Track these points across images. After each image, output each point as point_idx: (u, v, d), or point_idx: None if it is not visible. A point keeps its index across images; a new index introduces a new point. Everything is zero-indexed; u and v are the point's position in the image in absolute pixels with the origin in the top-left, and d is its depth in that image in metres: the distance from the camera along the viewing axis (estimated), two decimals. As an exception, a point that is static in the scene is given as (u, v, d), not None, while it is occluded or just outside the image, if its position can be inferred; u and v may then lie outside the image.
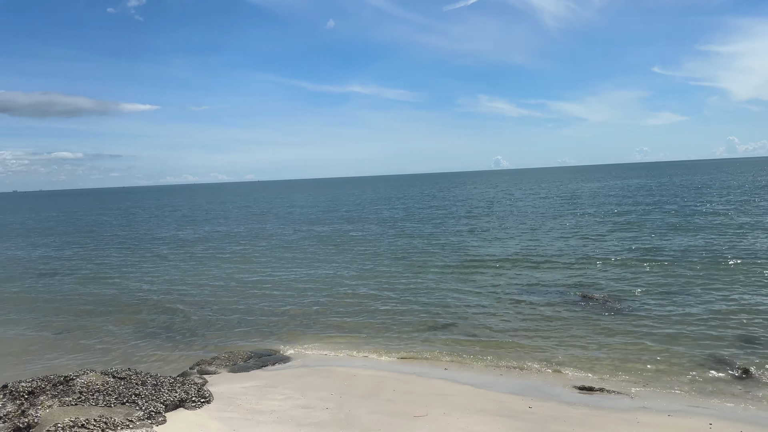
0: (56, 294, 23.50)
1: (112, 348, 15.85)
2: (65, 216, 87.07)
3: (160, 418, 8.65)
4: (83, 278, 27.07)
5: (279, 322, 17.55)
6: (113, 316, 19.29)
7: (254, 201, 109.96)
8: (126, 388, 9.13)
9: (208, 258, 31.69)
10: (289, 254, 31.45)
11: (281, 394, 10.57)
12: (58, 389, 9.00)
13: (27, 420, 7.95)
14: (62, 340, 16.76)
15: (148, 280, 25.58)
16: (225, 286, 23.28)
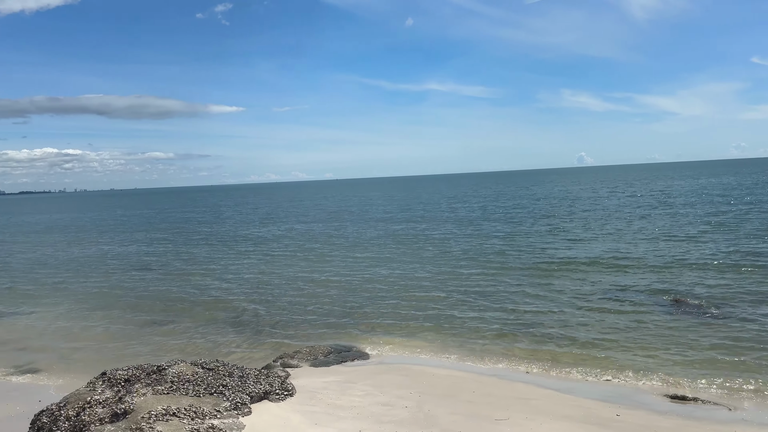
0: (148, 288, 24.83)
1: (198, 340, 16.54)
2: (157, 213, 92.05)
3: (245, 409, 8.92)
4: (172, 273, 28.45)
5: (356, 320, 17.73)
6: (199, 309, 20.14)
7: (332, 199, 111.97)
8: (214, 379, 9.48)
9: (288, 255, 32.52)
10: (366, 253, 31.74)
11: (360, 390, 10.64)
12: (151, 378, 9.47)
13: (124, 406, 8.40)
14: (152, 332, 17.66)
15: (231, 277, 26.56)
16: (304, 283, 23.80)
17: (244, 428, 8.24)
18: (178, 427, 7.63)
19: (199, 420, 8.09)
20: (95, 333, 17.56)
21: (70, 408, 8.85)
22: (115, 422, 8.24)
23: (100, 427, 8.20)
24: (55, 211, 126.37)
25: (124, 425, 8.06)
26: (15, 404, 11.39)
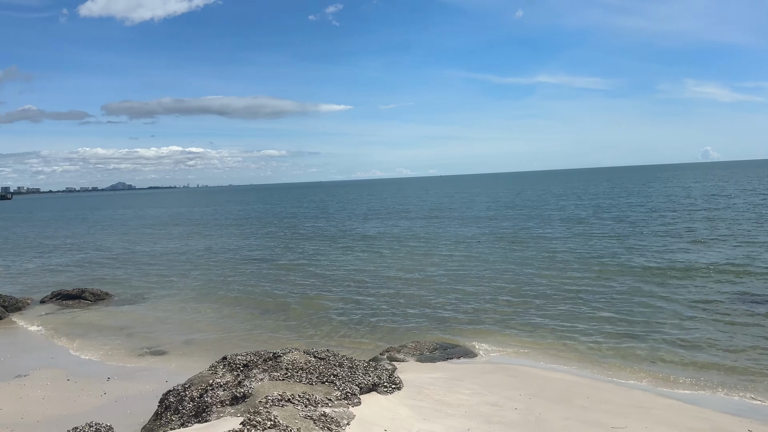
0: (260, 279, 26.06)
1: (307, 330, 17.09)
2: (270, 208, 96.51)
3: (355, 400, 9.07)
4: (282, 266, 29.65)
5: (460, 317, 17.56)
6: (307, 301, 20.81)
7: (435, 196, 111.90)
8: (325, 369, 9.74)
9: (391, 251, 32.86)
10: (468, 251, 31.37)
11: (468, 389, 10.50)
12: (267, 364, 9.89)
13: (243, 390, 8.83)
14: (264, 320, 18.47)
15: (336, 271, 27.24)
16: (407, 279, 23.92)
17: (353, 418, 8.38)
18: (293, 413, 7.89)
19: (312, 407, 8.33)
20: (213, 320, 18.67)
21: (194, 389, 9.45)
22: (235, 405, 8.69)
23: (222, 408, 8.68)
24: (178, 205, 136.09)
25: (243, 408, 8.47)
26: (145, 383, 12.35)
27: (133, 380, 12.56)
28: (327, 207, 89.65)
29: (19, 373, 13.16)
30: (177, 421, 8.85)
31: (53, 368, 13.55)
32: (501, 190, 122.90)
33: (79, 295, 21.69)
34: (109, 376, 12.75)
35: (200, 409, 8.86)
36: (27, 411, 10.58)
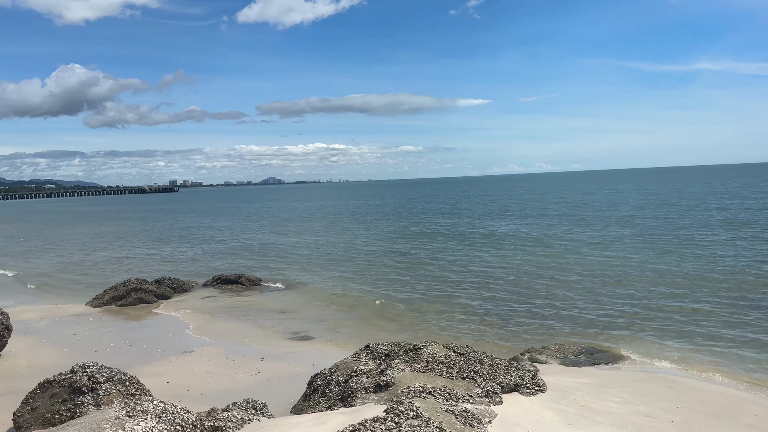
0: (397, 271, 26.55)
1: (441, 324, 17.10)
2: (405, 202, 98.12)
3: (496, 398, 8.94)
4: (418, 261, 29.97)
5: (607, 321, 16.61)
6: (443, 297, 20.81)
7: (577, 192, 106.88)
8: (465, 364, 9.70)
9: (527, 250, 31.89)
10: (612, 252, 29.56)
11: (618, 397, 9.91)
12: (408, 355, 10.06)
13: (386, 379, 9.07)
14: (401, 312, 18.78)
15: (471, 268, 26.99)
16: (548, 279, 23.09)
17: (495, 417, 8.26)
18: (434, 405, 7.95)
19: (453, 402, 8.33)
20: (355, 309, 19.35)
21: (339, 374, 9.86)
22: (378, 392, 8.95)
23: (366, 395, 8.98)
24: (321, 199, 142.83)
25: (386, 396, 8.70)
26: (294, 365, 13.11)
27: (283, 362, 13.40)
28: (461, 203, 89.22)
29: (185, 349, 14.56)
30: (324, 403, 9.31)
31: (214, 346, 14.84)
32: (653, 187, 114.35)
33: (236, 280, 23.59)
34: (262, 357, 13.70)
35: (345, 394, 9.24)
36: (192, 384, 11.67)
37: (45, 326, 17.00)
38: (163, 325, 17.48)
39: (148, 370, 11.83)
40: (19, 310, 17.66)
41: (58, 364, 12.70)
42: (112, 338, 15.74)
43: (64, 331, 16.44)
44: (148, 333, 16.56)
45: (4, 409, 9.80)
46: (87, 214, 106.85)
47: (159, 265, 31.83)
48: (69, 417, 8.49)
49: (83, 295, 22.39)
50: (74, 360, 12.59)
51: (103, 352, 13.97)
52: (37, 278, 28.56)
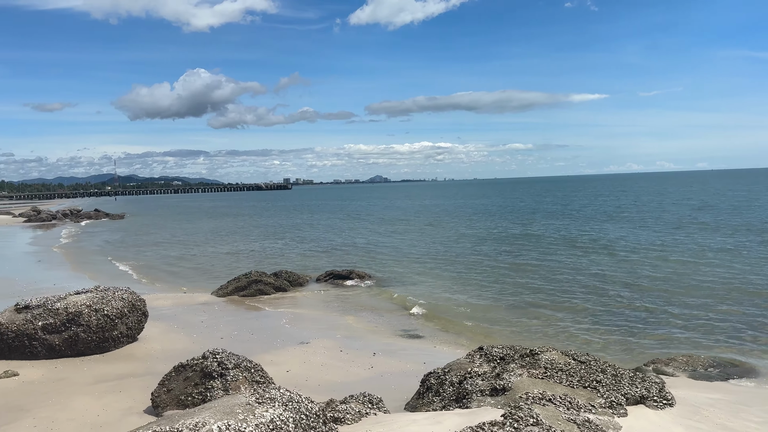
0: (510, 272, 26.01)
1: (554, 330, 16.52)
2: (510, 202, 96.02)
3: (621, 410, 8.49)
4: (525, 264, 29.19)
5: (738, 333, 15.29)
6: (555, 302, 20.10)
7: (701, 192, 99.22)
8: (586, 373, 9.29)
9: (642, 256, 30.04)
10: (743, 258, 27.10)
11: (758, 416, 9.06)
12: (525, 360, 9.80)
13: (502, 383, 8.89)
14: (517, 314, 18.36)
15: (581, 273, 25.85)
16: (670, 287, 21.61)
17: (620, 429, 7.85)
18: (555, 413, 7.68)
19: (574, 411, 8.01)
20: (465, 309, 19.18)
21: (453, 375, 9.81)
22: (495, 396, 8.79)
23: (481, 398, 8.86)
24: (425, 198, 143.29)
25: (503, 401, 8.53)
26: (406, 362, 13.23)
27: (395, 358, 13.56)
28: (571, 203, 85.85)
29: (302, 340, 15.13)
30: (438, 402, 9.29)
31: (328, 339, 15.31)
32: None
33: (347, 275, 24.23)
34: (375, 352, 13.95)
35: (460, 395, 9.16)
36: (310, 375, 12.10)
37: (175, 313, 18.34)
38: (281, 316, 18.28)
39: (269, 359, 12.41)
40: (152, 298, 19.15)
41: (188, 349, 13.68)
42: (235, 326, 16.70)
43: (192, 319, 17.67)
44: (268, 323, 17.41)
45: (143, 388, 10.67)
46: (210, 209, 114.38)
47: (274, 259, 33.41)
48: (201, 400, 9.10)
49: (208, 285, 23.94)
50: (202, 345, 13.50)
51: (227, 339, 14.85)
52: (166, 268, 30.95)
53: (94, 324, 13.15)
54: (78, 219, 77.92)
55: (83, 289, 14.20)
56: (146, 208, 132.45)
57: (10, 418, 9.18)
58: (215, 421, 6.23)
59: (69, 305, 13.16)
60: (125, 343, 13.90)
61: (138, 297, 14.58)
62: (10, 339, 12.76)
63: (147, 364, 12.76)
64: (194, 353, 10.93)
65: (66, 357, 12.90)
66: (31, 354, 12.76)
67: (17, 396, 10.40)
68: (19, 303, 13.50)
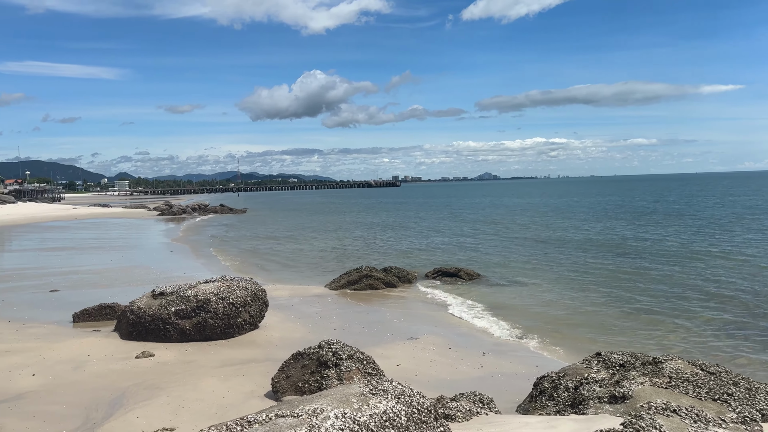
0: (629, 275, 24.67)
1: (676, 338, 15.45)
2: (629, 201, 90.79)
3: (755, 426, 7.81)
4: (638, 267, 27.51)
5: None
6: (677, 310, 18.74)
7: None
8: (716, 384, 8.64)
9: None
10: None
11: None
12: (647, 368, 9.29)
13: (622, 391, 8.49)
14: (635, 319, 17.40)
15: (708, 276, 23.92)
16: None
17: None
18: (680, 426, 7.21)
19: (701, 424, 7.48)
20: (578, 313, 18.47)
21: (568, 379, 9.49)
22: (614, 404, 8.41)
23: (599, 405, 8.51)
24: (537, 195, 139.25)
25: (622, 409, 8.15)
26: (516, 364, 12.99)
27: (505, 359, 13.35)
28: (696, 202, 79.72)
29: (411, 335, 15.30)
30: (552, 407, 9.05)
31: (437, 336, 15.37)
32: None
33: (455, 273, 24.16)
34: (484, 352, 13.81)
35: (576, 401, 8.86)
36: (419, 370, 12.22)
37: (292, 304, 19.23)
38: (391, 311, 18.60)
39: (380, 352, 12.67)
40: (271, 288, 20.14)
41: (304, 338, 14.31)
42: (347, 319, 17.22)
43: (307, 309, 18.44)
44: (378, 317, 17.78)
45: (263, 373, 11.30)
46: (322, 205, 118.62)
47: (383, 255, 34.01)
48: (317, 387, 9.50)
49: (321, 279, 24.85)
50: (317, 335, 14.06)
51: (340, 331, 15.35)
52: (282, 260, 32.51)
53: (221, 311, 14.11)
54: (205, 213, 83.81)
55: (211, 279, 15.28)
56: (265, 203, 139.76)
57: (147, 395, 10.08)
58: (332, 409, 6.48)
59: (199, 293, 14.22)
60: (248, 330, 14.78)
61: (260, 287, 15.45)
62: (147, 322, 14.01)
63: (267, 350, 13.49)
64: (310, 342, 11.42)
65: (195, 341, 13.94)
66: (164, 337, 13.92)
67: (153, 375, 11.40)
68: (155, 290, 14.78)
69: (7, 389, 10.42)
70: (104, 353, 12.88)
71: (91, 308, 16.31)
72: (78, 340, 13.85)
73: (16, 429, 8.59)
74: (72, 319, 16.15)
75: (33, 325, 15.54)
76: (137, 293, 16.34)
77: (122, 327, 14.53)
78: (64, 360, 12.27)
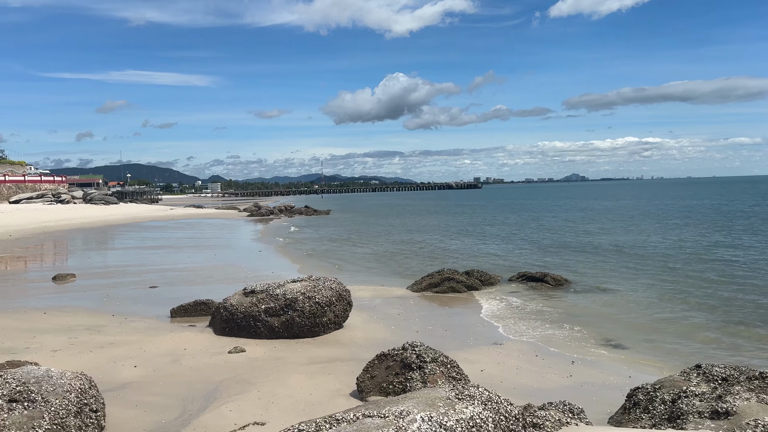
0: (730, 284, 23.10)
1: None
2: (729, 204, 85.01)
3: None
4: (743, 276, 25.63)
5: None
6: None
7: None
8: (836, 406, 7.90)
9: None
10: None
11: None
12: (753, 383, 8.69)
13: (725, 407, 7.95)
14: (733, 331, 16.25)
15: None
16: None
17: None
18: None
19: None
20: (675, 323, 17.48)
21: (665, 392, 9.00)
22: (716, 420, 7.90)
23: (699, 420, 8.01)
24: (629, 198, 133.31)
25: (726, 426, 7.63)
26: (607, 374, 12.48)
27: (595, 368, 12.85)
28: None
29: (495, 341, 15.06)
30: (648, 420, 8.61)
31: (522, 342, 15.04)
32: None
33: (541, 278, 23.51)
34: (573, 360, 13.37)
35: (674, 415, 8.39)
36: (504, 377, 12.00)
37: (374, 305, 19.44)
38: (473, 315, 18.40)
39: (463, 356, 12.54)
40: (354, 289, 20.40)
41: (387, 339, 14.42)
42: (429, 321, 17.19)
43: (389, 311, 18.58)
44: (460, 321, 17.63)
45: (348, 372, 11.48)
46: (403, 207, 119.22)
47: (464, 257, 33.69)
48: (401, 389, 9.54)
49: (402, 280, 24.96)
50: (399, 337, 14.13)
51: (423, 333, 15.35)
52: (364, 261, 32.92)
53: (307, 310, 14.48)
54: (291, 214, 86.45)
55: (298, 278, 15.72)
56: (347, 205, 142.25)
57: (239, 389, 10.49)
58: (418, 412, 6.48)
59: (287, 292, 14.66)
60: (332, 329, 15.09)
61: (344, 287, 15.73)
62: (239, 319, 14.61)
63: (351, 350, 13.71)
64: (393, 343, 11.49)
65: (283, 338, 14.38)
66: (255, 333, 14.46)
67: (245, 370, 11.86)
68: (246, 288, 15.40)
69: (113, 379, 11.18)
70: (199, 347, 13.55)
71: (187, 304, 17.20)
72: (175, 335, 14.65)
73: (121, 417, 9.20)
74: (170, 314, 17.10)
75: (135, 319, 16.60)
76: (229, 290, 17.10)
77: (216, 323, 15.23)
78: (163, 353, 13.01)
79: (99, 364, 12.04)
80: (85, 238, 50.57)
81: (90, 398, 8.00)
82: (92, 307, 18.63)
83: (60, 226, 60.14)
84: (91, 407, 7.92)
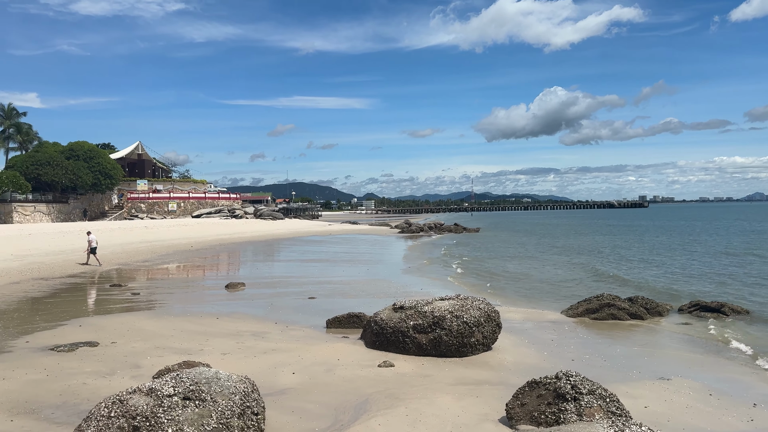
0: None
1: None
2: None
3: None
4: None
5: None
6: None
7: None
8: None
9: None
10: None
11: None
12: None
13: None
14: None
15: None
16: None
17: None
18: None
19: None
20: None
21: None
22: None
23: None
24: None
25: None
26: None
27: None
28: None
29: (662, 375, 13.74)
30: None
31: (694, 379, 13.55)
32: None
33: (717, 308, 21.08)
34: (756, 402, 11.77)
35: None
36: (672, 416, 10.88)
37: (525, 328, 18.75)
38: (637, 346, 16.96)
39: (624, 390, 11.58)
40: (504, 310, 19.93)
41: (539, 366, 13.80)
42: (586, 350, 16.17)
43: (542, 335, 17.79)
44: (622, 351, 16.34)
45: (496, 397, 11.15)
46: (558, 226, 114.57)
47: (626, 282, 31.35)
48: (554, 421, 9.03)
49: (556, 304, 23.81)
50: (552, 364, 13.47)
51: (579, 362, 14.47)
52: (513, 282, 31.93)
53: (455, 329, 14.34)
54: (440, 231, 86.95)
55: (446, 296, 15.66)
56: (497, 223, 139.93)
57: (387, 403, 10.64)
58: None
59: (435, 309, 14.67)
60: (480, 350, 14.78)
61: (493, 308, 15.37)
62: (388, 333, 14.87)
63: (500, 374, 13.31)
64: (545, 370, 10.96)
65: (430, 356, 14.38)
66: (403, 349, 14.62)
67: (393, 385, 12.01)
68: (395, 303, 15.66)
69: (273, 384, 11.91)
70: (351, 359, 14.00)
71: (341, 316, 17.92)
72: (330, 345, 15.30)
73: (279, 421, 9.74)
74: (325, 325, 17.92)
75: (294, 328, 17.63)
76: (380, 305, 17.52)
77: (367, 336, 15.66)
78: (318, 362, 13.63)
79: (261, 368, 12.91)
80: (254, 250, 55.13)
81: (252, 401, 8.57)
82: (258, 314, 20.12)
83: (233, 239, 66.31)
84: (253, 410, 8.47)
